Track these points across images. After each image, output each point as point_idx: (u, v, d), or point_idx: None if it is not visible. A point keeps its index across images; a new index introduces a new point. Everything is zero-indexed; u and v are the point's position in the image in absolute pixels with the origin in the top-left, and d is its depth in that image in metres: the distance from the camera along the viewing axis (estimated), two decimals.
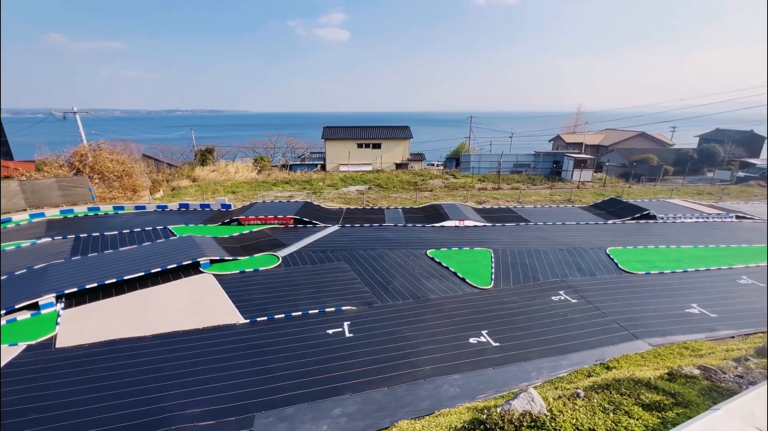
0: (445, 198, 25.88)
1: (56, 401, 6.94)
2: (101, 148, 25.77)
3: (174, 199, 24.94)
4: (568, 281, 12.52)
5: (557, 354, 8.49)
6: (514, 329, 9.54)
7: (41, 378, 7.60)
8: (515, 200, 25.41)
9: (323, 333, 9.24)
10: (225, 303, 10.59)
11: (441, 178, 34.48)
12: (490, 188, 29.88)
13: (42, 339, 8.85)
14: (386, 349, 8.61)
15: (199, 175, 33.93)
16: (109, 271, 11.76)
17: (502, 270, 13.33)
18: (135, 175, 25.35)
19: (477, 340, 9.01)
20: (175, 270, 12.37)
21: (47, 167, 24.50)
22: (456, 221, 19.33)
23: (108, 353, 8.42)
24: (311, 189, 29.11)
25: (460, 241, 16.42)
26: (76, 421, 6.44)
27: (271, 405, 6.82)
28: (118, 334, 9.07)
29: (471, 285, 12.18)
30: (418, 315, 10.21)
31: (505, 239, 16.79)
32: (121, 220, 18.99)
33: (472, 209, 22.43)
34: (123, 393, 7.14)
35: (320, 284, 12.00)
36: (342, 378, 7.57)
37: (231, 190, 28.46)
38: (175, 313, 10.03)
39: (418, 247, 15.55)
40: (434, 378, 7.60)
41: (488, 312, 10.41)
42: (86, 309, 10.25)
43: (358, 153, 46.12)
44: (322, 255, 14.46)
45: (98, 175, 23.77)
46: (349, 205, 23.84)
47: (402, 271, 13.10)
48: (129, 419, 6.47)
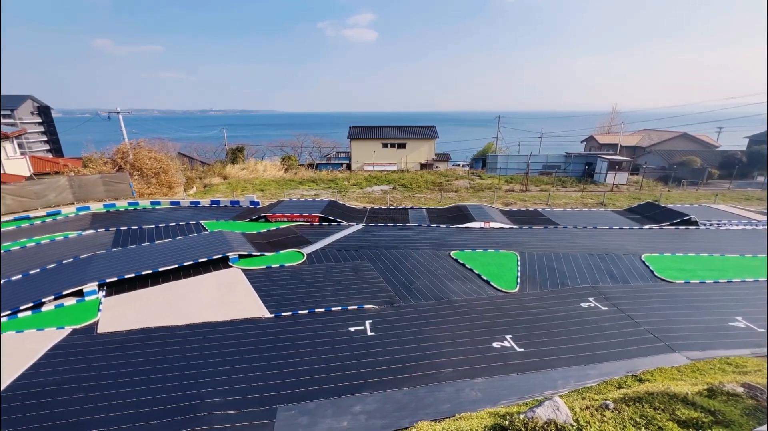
0: (471, 199, 25.49)
1: (97, 383, 7.41)
2: (141, 146, 27.23)
3: (206, 195, 26.00)
4: (598, 288, 12.02)
5: (585, 363, 8.17)
6: (539, 335, 9.26)
7: (84, 360, 8.14)
8: (544, 202, 24.66)
9: (345, 331, 9.34)
10: (252, 297, 10.92)
11: (466, 178, 33.98)
12: (518, 190, 29.13)
13: (85, 324, 9.46)
14: (407, 349, 8.59)
15: (230, 172, 35.14)
16: (146, 263, 12.41)
17: (529, 274, 12.97)
18: (171, 172, 26.62)
19: (500, 345, 8.83)
20: (206, 264, 12.89)
21: (93, 164, 26.17)
22: (481, 223, 18.99)
23: (143, 340, 8.89)
24: (336, 188, 29.48)
25: (485, 243, 16.12)
26: (115, 402, 6.86)
27: (294, 398, 6.98)
28: (152, 323, 9.56)
29: (495, 288, 11.94)
30: (440, 317, 10.12)
31: (532, 242, 16.33)
32: (157, 215, 19.98)
33: (498, 211, 21.97)
34: (157, 378, 7.52)
35: (343, 282, 12.14)
36: (363, 376, 7.62)
37: (259, 188, 29.30)
38: (205, 305, 10.45)
39: (441, 248, 15.41)
40: (455, 381, 7.51)
41: (513, 317, 10.16)
42: (125, 297, 10.87)
43: (383, 152, 46.25)
44: (345, 253, 14.62)
45: (138, 171, 25.15)
46: (373, 204, 23.96)
47: (425, 272, 13.02)
48: (162, 403, 6.81)
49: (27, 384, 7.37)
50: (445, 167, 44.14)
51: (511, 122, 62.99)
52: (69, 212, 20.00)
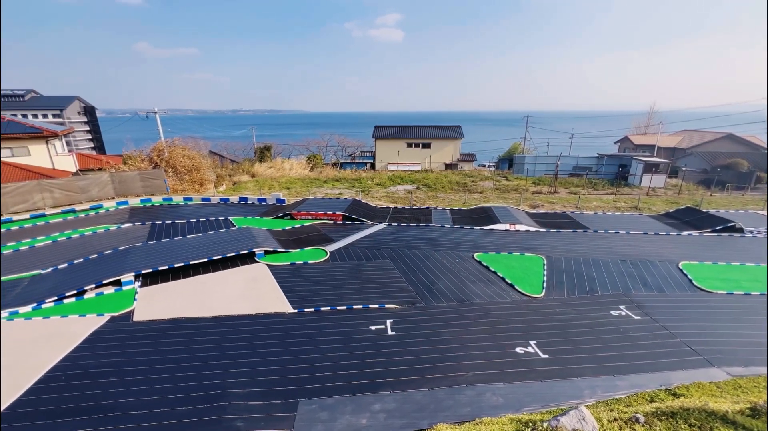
0: (496, 200, 24.99)
1: (131, 368, 7.83)
2: (175, 144, 28.49)
3: (235, 192, 26.87)
4: (630, 295, 11.48)
5: (614, 373, 7.83)
6: (565, 342, 8.96)
7: (120, 346, 8.62)
8: (573, 205, 23.81)
9: (366, 329, 9.40)
10: (276, 293, 11.19)
11: (492, 179, 33.35)
12: (546, 192, 28.28)
13: (122, 312, 10.02)
14: (428, 350, 8.54)
15: (258, 170, 36.15)
16: (178, 256, 12.98)
17: (555, 279, 12.57)
18: (202, 169, 27.71)
19: (524, 350, 8.60)
20: (233, 259, 13.32)
21: (132, 161, 27.64)
22: (506, 225, 18.58)
23: (174, 329, 9.31)
24: (360, 187, 29.70)
25: (510, 246, 15.76)
26: (147, 387, 7.22)
27: (314, 393, 7.09)
28: (183, 313, 9.99)
29: (520, 292, 11.64)
30: (462, 319, 9.99)
31: (559, 246, 15.80)
32: (189, 210, 20.85)
33: (524, 213, 21.41)
34: (186, 366, 7.86)
35: (365, 280, 12.21)
36: (383, 375, 7.64)
37: (285, 186, 29.97)
38: (232, 298, 10.80)
39: (464, 250, 15.19)
40: (476, 384, 7.39)
41: (538, 322, 9.88)
42: (158, 288, 11.41)
43: (407, 152, 46.14)
44: (368, 252, 14.70)
45: (172, 168, 26.34)
46: (396, 203, 23.95)
47: (447, 273, 12.89)
48: (189, 391, 7.11)
49: (70, 365, 7.88)
50: (470, 167, 43.50)
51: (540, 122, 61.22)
52: (110, 206, 21.22)
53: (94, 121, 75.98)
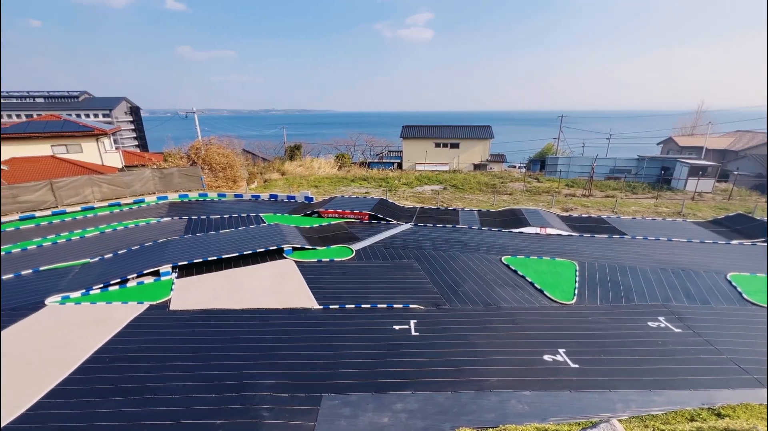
0: (526, 203, 24.27)
1: (168, 354, 8.27)
2: (211, 142, 29.78)
3: (265, 189, 27.72)
4: (670, 306, 10.80)
5: (650, 388, 7.40)
6: (597, 352, 8.57)
7: (158, 333, 9.13)
8: (609, 209, 22.71)
9: (390, 328, 9.42)
10: (302, 288, 11.45)
11: (523, 181, 32.43)
12: (580, 195, 27.15)
13: (160, 301, 10.60)
14: (452, 353, 8.44)
15: (288, 169, 37.09)
16: (212, 250, 13.57)
17: (588, 286, 12.05)
18: (236, 167, 28.80)
19: (552, 358, 8.31)
20: (263, 254, 13.76)
21: (171, 158, 29.17)
22: (537, 228, 18.01)
23: (207, 320, 9.74)
24: (387, 186, 29.77)
25: (540, 250, 15.26)
26: (181, 373, 7.61)
27: (338, 389, 7.20)
28: (215, 305, 10.44)
29: (550, 298, 11.26)
30: (487, 323, 9.80)
31: (593, 252, 15.13)
32: (222, 206, 21.73)
33: (556, 216, 20.67)
34: (216, 356, 8.21)
35: (390, 280, 12.24)
36: (405, 375, 7.64)
37: (314, 184, 30.55)
38: (261, 292, 11.16)
39: (492, 252, 14.88)
40: (501, 390, 7.22)
41: (568, 330, 9.51)
42: (193, 280, 11.98)
43: (435, 152, 45.76)
44: (393, 251, 14.72)
45: (208, 166, 27.55)
46: (423, 204, 23.82)
47: (473, 275, 12.68)
48: (219, 379, 7.43)
49: (114, 348, 8.45)
50: (499, 169, 42.53)
51: (575, 122, 58.83)
52: (151, 201, 22.51)
53: (138, 120, 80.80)
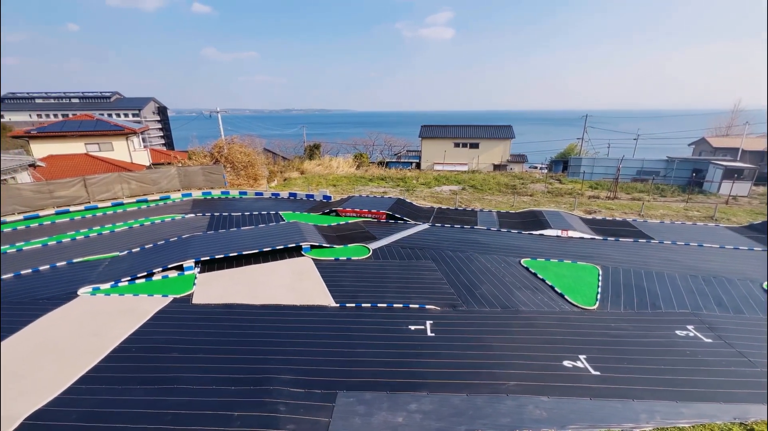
0: (547, 204, 23.73)
1: (190, 346, 8.53)
2: (234, 141, 30.53)
3: (285, 188, 28.19)
4: (700, 315, 10.32)
5: (678, 399, 7.09)
6: (620, 360, 8.28)
7: (181, 326, 9.43)
8: (636, 212, 21.92)
9: (405, 328, 9.40)
10: (320, 286, 11.58)
11: (544, 182, 31.71)
12: (604, 197, 26.32)
13: (184, 295, 10.95)
14: (468, 355, 8.34)
15: (307, 168, 37.59)
16: (233, 246, 13.91)
17: (612, 291, 11.66)
18: (257, 165, 29.42)
19: (572, 364, 8.09)
20: (282, 251, 13.99)
21: (195, 156, 30.10)
22: (558, 230, 17.57)
23: (227, 314, 10.00)
24: (405, 186, 29.73)
25: (562, 253, 14.88)
26: (202, 365, 7.84)
27: (353, 386, 7.24)
28: (235, 300, 10.69)
29: (571, 302, 10.96)
30: (505, 326, 9.63)
31: (617, 256, 14.63)
32: (244, 204, 22.23)
33: (578, 219, 20.11)
34: (236, 349, 8.41)
35: (406, 280, 12.21)
36: (420, 376, 7.61)
37: (332, 183, 30.85)
38: (279, 289, 11.36)
39: (511, 254, 14.62)
40: (518, 395, 7.09)
41: (589, 336, 9.24)
42: (214, 275, 12.32)
43: (454, 152, 45.35)
44: (410, 251, 14.68)
45: (230, 164, 28.26)
46: (440, 204, 23.66)
47: (491, 277, 12.49)
48: (238, 372, 7.61)
49: (139, 339, 8.79)
50: (520, 169, 41.72)
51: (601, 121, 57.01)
52: (176, 197, 23.28)
53: (165, 119, 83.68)
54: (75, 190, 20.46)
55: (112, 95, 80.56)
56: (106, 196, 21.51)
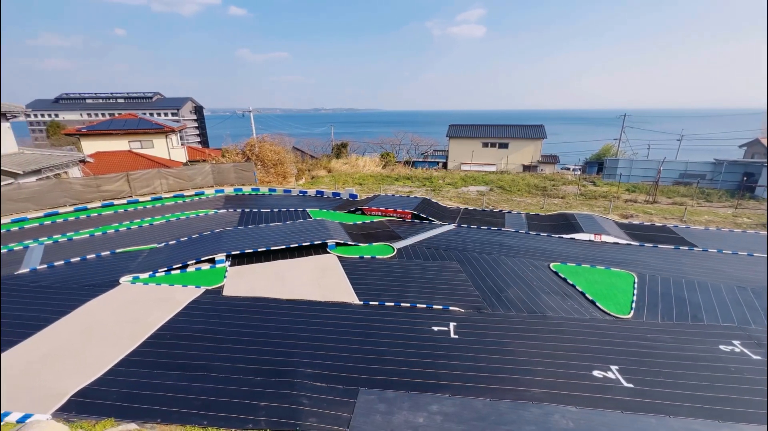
0: (580, 207, 22.82)
1: (220, 336, 8.89)
2: (265, 140, 31.45)
3: (312, 186, 28.73)
4: (748, 330, 9.58)
5: (719, 418, 6.63)
6: (656, 373, 7.84)
7: (212, 315, 9.85)
8: (677, 218, 20.64)
9: (428, 329, 9.35)
10: (344, 283, 11.72)
11: (577, 184, 30.51)
12: (642, 201, 24.98)
13: (215, 287, 11.42)
14: (491, 359, 8.19)
15: (334, 166, 38.10)
16: (261, 241, 14.35)
17: (648, 300, 11.06)
18: (286, 163, 30.16)
19: (603, 375, 7.75)
20: (308, 248, 14.28)
21: (228, 154, 31.25)
22: (591, 235, 16.86)
23: (255, 306, 10.33)
24: (431, 186, 29.50)
25: (594, 258, 14.27)
26: (230, 355, 8.15)
27: (374, 384, 7.29)
28: (262, 293, 11.03)
29: (603, 310, 10.49)
30: (531, 331, 9.37)
31: (656, 263, 13.85)
32: (272, 200, 22.87)
33: (613, 223, 19.20)
34: (262, 341, 8.68)
35: (430, 280, 12.14)
36: (442, 377, 7.54)
37: (358, 182, 31.10)
38: (304, 284, 11.60)
39: (539, 258, 14.18)
40: (544, 403, 6.88)
41: (622, 346, 8.81)
42: (244, 268, 12.76)
43: (482, 152, 44.52)
44: (435, 252, 14.57)
45: (261, 162, 29.14)
46: (467, 205, 23.30)
47: (518, 281, 12.17)
48: (264, 364, 7.85)
49: (173, 327, 9.26)
50: (551, 171, 40.35)
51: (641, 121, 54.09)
52: (209, 193, 24.29)
53: (201, 118, 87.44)
54: (119, 185, 21.80)
55: (153, 95, 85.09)
56: (146, 191, 22.77)
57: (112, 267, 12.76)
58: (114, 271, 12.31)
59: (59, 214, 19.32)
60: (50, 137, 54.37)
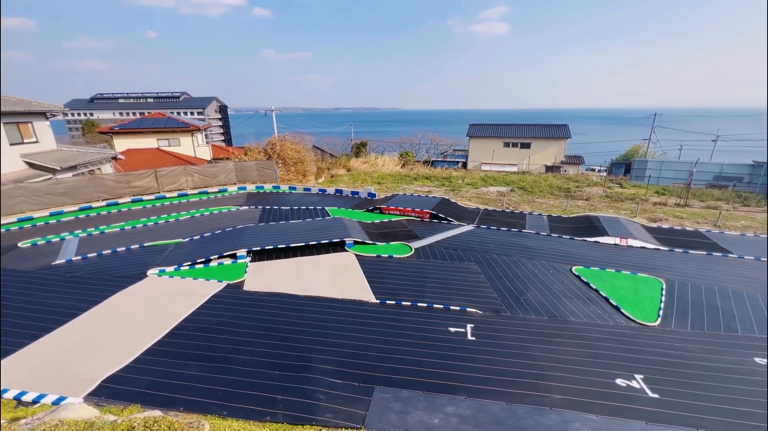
0: (605, 210, 22.09)
1: (240, 329, 9.12)
2: (286, 139, 31.98)
3: (332, 184, 29.00)
4: None
5: None
6: (684, 384, 7.51)
7: (233, 310, 10.11)
8: (710, 223, 19.67)
9: (445, 329, 9.29)
10: (361, 282, 11.79)
11: (602, 185, 29.54)
12: (672, 204, 23.93)
13: (236, 281, 11.72)
14: (510, 362, 8.05)
15: (353, 165, 38.33)
16: (281, 238, 14.61)
17: (677, 308, 10.60)
18: (306, 162, 30.58)
19: (627, 383, 7.49)
20: (326, 245, 14.44)
21: (251, 152, 31.96)
22: (616, 238, 16.30)
23: (275, 302, 10.54)
24: (450, 186, 29.24)
25: (619, 263, 13.79)
26: (250, 348, 8.35)
27: (390, 383, 7.31)
28: (282, 289, 11.24)
29: (628, 317, 10.13)
30: (551, 336, 9.15)
31: (686, 270, 13.25)
32: (292, 198, 23.24)
33: (640, 227, 18.49)
34: (281, 336, 8.85)
35: (448, 281, 12.04)
36: (459, 379, 7.48)
37: (377, 181, 31.18)
38: (322, 282, 11.74)
39: (561, 261, 13.82)
40: (563, 410, 6.71)
41: (648, 354, 8.48)
42: (263, 264, 13.03)
43: (503, 152, 43.77)
44: (453, 252, 14.44)
45: (282, 160, 29.66)
46: (487, 205, 22.97)
47: (538, 284, 11.91)
48: (282, 358, 8.00)
49: (196, 319, 9.57)
50: (575, 171, 39.24)
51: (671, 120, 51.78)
52: (232, 191, 24.93)
53: (225, 117, 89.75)
54: (148, 181, 22.69)
55: (180, 95, 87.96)
56: (173, 187, 23.60)
57: (140, 260, 13.30)
58: (142, 264, 12.83)
59: (92, 208, 20.30)
60: (85, 135, 57.18)
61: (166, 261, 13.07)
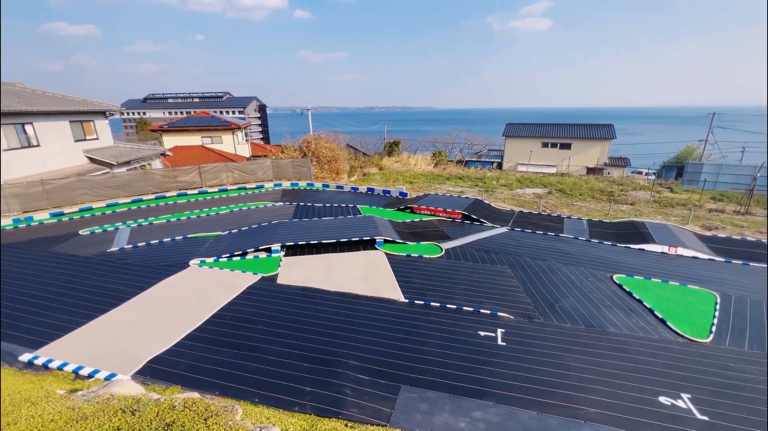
0: (652, 215, 20.67)
1: (272, 321, 9.46)
2: (321, 137, 32.66)
3: (364, 183, 29.27)
4: None
5: None
6: (738, 408, 6.89)
7: (267, 301, 10.50)
8: None
9: (474, 333, 9.11)
10: (391, 280, 11.83)
11: (650, 189, 27.67)
12: (731, 211, 21.95)
13: (270, 274, 12.15)
14: (542, 371, 7.76)
15: (385, 164, 38.46)
16: (314, 234, 14.96)
17: (733, 325, 9.72)
18: (340, 160, 31.07)
19: (671, 402, 6.98)
20: (357, 243, 14.61)
21: (287, 150, 32.95)
22: (664, 246, 15.21)
23: (306, 296, 10.82)
24: (483, 187, 28.59)
25: (666, 273, 12.86)
26: (281, 339, 8.64)
27: (416, 383, 7.28)
28: (313, 284, 11.51)
29: (675, 331, 9.43)
30: (588, 347, 8.71)
31: (745, 284, 12.12)
32: (326, 196, 23.71)
33: (692, 235, 17.14)
34: (310, 329, 9.07)
35: (479, 284, 11.79)
36: (487, 384, 7.31)
37: (409, 180, 31.09)
38: (352, 278, 11.90)
39: (601, 268, 13.11)
40: (599, 425, 6.37)
41: (696, 373, 7.86)
42: (296, 259, 13.41)
43: (541, 153, 42.17)
44: (485, 255, 14.12)
45: (316, 158, 30.34)
46: (522, 208, 22.22)
47: (575, 291, 11.37)
48: (311, 351, 8.21)
49: (233, 309, 10.03)
50: (620, 174, 37.03)
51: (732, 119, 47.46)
52: (269, 187, 25.85)
53: (264, 116, 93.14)
54: (192, 176, 24.05)
55: (224, 95, 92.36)
56: (214, 183, 24.85)
57: (184, 250, 14.13)
58: (185, 254, 13.63)
59: (143, 201, 21.83)
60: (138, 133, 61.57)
61: (206, 253, 13.79)
